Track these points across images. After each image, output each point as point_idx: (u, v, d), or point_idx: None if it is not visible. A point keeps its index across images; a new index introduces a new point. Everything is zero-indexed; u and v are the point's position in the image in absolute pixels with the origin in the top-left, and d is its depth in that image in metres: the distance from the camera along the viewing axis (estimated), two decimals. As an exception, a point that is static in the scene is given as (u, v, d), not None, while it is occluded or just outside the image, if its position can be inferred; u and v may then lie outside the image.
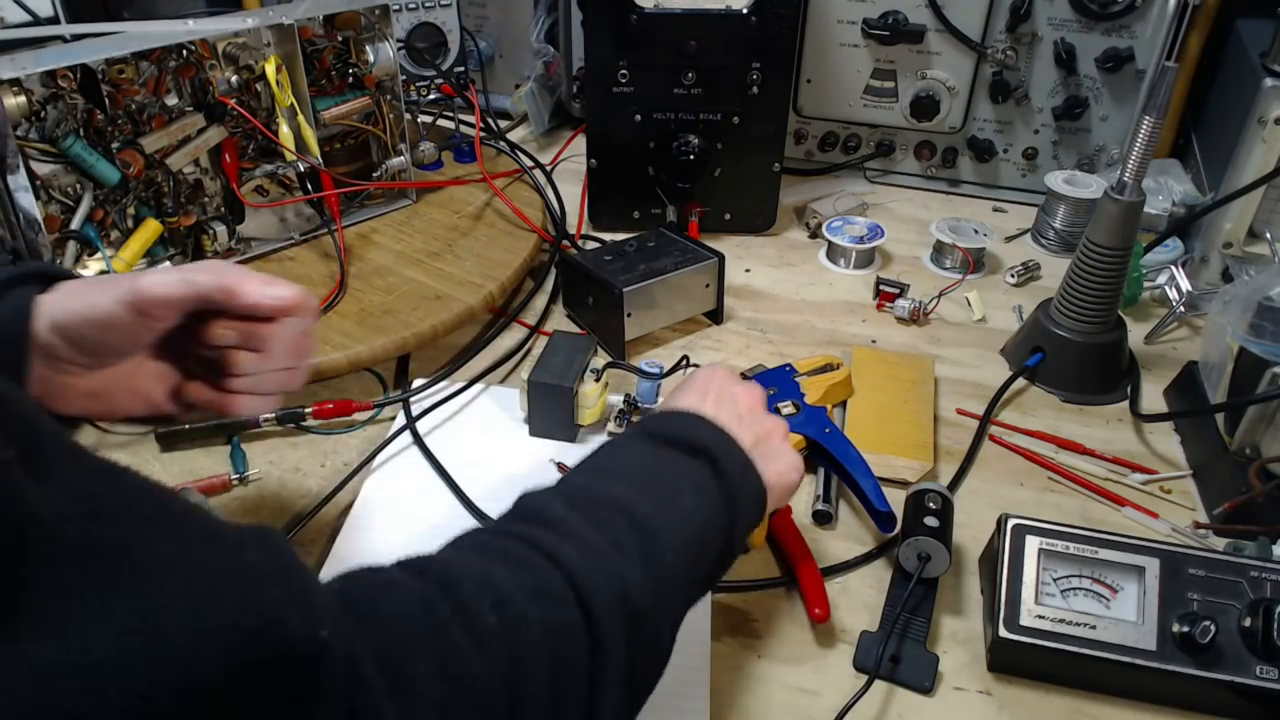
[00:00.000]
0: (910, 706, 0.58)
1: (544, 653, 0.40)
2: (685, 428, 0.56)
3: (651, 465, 0.54)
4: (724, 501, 0.54)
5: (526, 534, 0.46)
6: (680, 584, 0.50)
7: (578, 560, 0.44)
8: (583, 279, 0.89)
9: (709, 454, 0.54)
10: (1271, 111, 0.86)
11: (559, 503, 0.48)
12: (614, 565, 0.45)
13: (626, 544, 0.47)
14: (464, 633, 0.39)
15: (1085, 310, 0.81)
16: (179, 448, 0.75)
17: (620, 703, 0.43)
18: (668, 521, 0.50)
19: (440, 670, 0.37)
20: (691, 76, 0.96)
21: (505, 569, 0.43)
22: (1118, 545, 0.60)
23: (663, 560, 0.48)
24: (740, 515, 0.54)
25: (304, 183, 0.92)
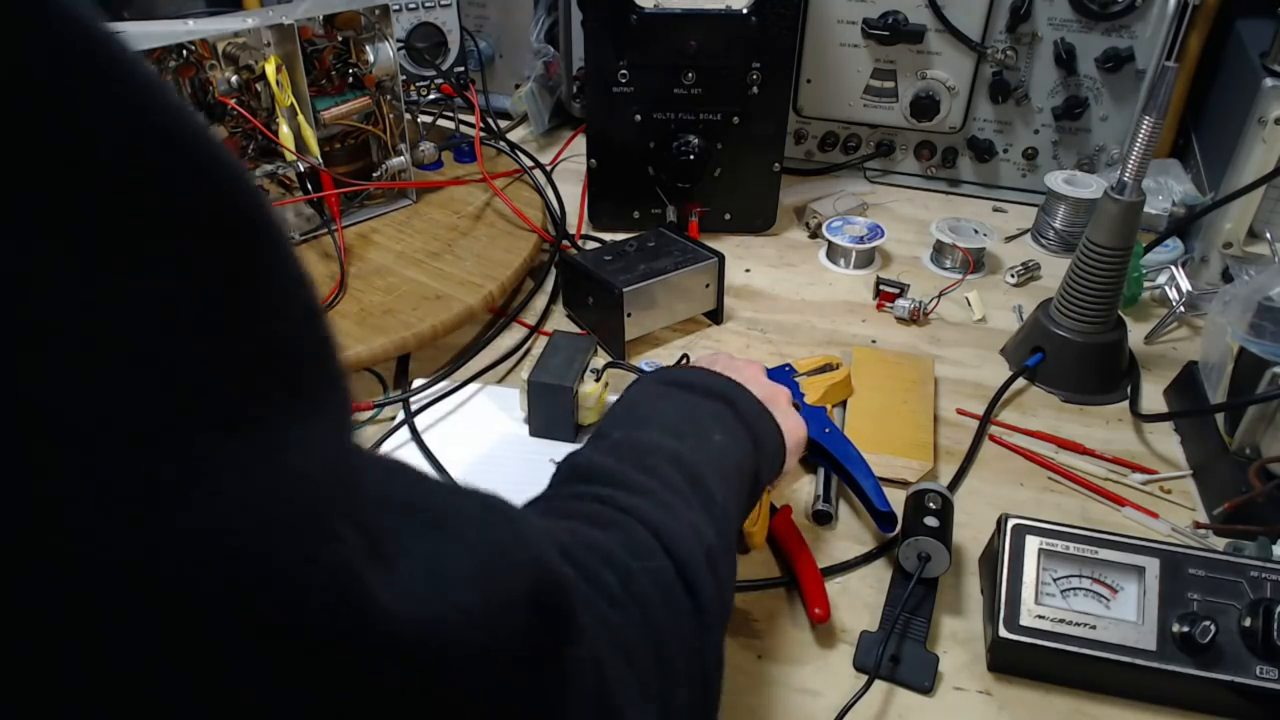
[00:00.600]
0: (910, 706, 0.58)
1: (658, 604, 0.41)
2: (697, 375, 0.58)
3: (677, 408, 0.55)
4: (748, 436, 0.55)
5: (594, 493, 0.46)
6: (730, 518, 0.50)
7: (650, 510, 0.44)
8: (583, 279, 0.89)
9: (725, 397, 0.56)
10: (1271, 111, 0.86)
11: (606, 459, 0.48)
12: (681, 510, 0.46)
13: (681, 488, 0.47)
14: (597, 594, 0.39)
15: (1085, 310, 0.81)
16: (179, 448, 0.75)
17: (720, 641, 0.44)
18: (709, 459, 0.51)
19: (601, 627, 0.37)
20: (691, 76, 0.96)
21: (594, 530, 0.43)
22: (1118, 545, 0.60)
23: (713, 499, 0.48)
24: (763, 451, 0.56)
25: (304, 183, 0.92)
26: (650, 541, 0.43)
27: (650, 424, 0.53)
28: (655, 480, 0.47)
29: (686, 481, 0.48)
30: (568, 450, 0.75)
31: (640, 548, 0.42)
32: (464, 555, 0.30)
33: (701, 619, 0.42)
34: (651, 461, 0.48)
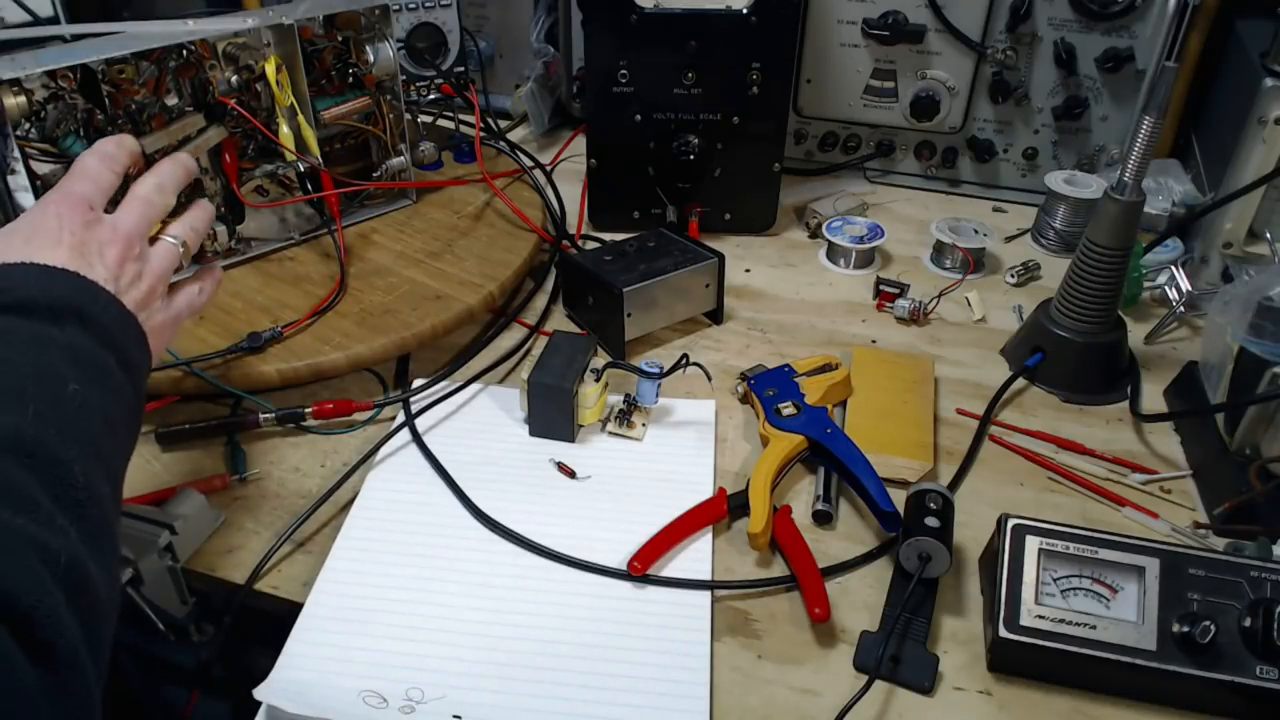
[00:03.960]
0: (910, 706, 0.58)
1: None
2: (29, 282, 0.47)
3: (17, 355, 0.44)
4: (115, 361, 0.47)
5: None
6: (101, 495, 0.43)
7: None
8: (583, 279, 0.89)
9: (75, 311, 0.47)
10: (1271, 111, 0.86)
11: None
12: (17, 531, 0.37)
13: (23, 490, 0.39)
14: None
15: (1085, 310, 0.81)
16: (179, 447, 0.75)
17: (93, 678, 0.37)
18: (64, 424, 0.42)
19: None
20: (691, 76, 0.96)
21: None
22: (1118, 545, 0.60)
23: (73, 483, 0.41)
24: (131, 366, 0.49)
25: (304, 183, 0.92)
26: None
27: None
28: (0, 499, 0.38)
29: (37, 479, 0.39)
30: (568, 450, 0.76)
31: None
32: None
33: (61, 674, 0.35)
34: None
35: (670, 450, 0.76)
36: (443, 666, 0.59)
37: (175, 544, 0.63)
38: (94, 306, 0.48)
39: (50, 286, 0.48)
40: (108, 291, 0.50)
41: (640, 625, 0.62)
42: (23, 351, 0.44)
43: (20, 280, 0.48)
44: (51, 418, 0.42)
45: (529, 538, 0.68)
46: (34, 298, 0.47)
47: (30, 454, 0.40)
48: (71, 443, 0.42)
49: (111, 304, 0.50)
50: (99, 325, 0.48)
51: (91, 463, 0.43)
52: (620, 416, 0.78)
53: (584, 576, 0.65)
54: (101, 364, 0.47)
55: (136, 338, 0.51)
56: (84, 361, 0.46)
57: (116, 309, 0.50)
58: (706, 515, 0.69)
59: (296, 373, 0.78)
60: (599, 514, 0.70)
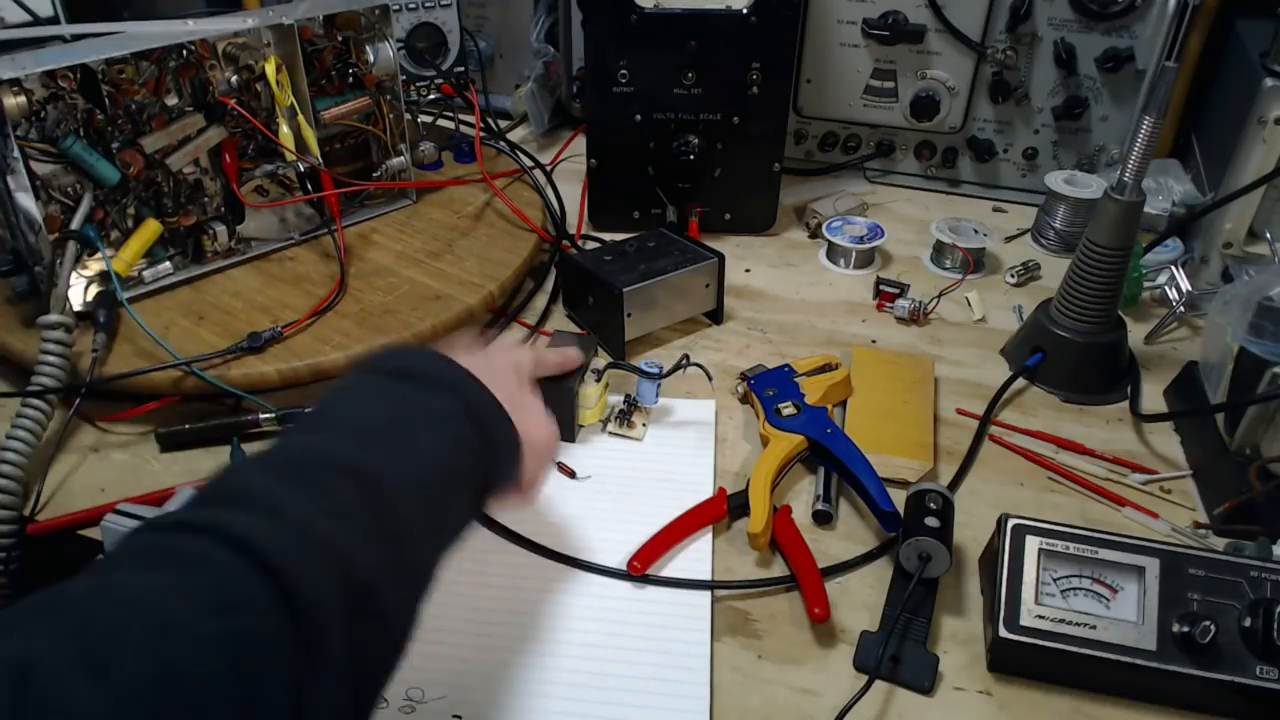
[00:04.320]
0: (910, 706, 0.58)
1: (211, 672, 0.33)
2: (428, 362, 0.53)
3: (384, 405, 0.49)
4: (475, 434, 0.50)
5: (208, 521, 0.39)
6: (421, 539, 0.46)
7: (274, 539, 0.38)
8: (583, 279, 0.89)
9: (453, 389, 0.51)
10: (1271, 111, 0.86)
11: (261, 472, 0.43)
12: (328, 536, 0.40)
13: (348, 507, 0.42)
14: (89, 685, 0.31)
15: (1085, 310, 0.81)
16: (179, 448, 0.75)
17: (344, 697, 0.38)
18: (403, 469, 0.46)
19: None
20: (691, 76, 0.96)
21: (165, 578, 0.36)
22: (1118, 545, 0.60)
23: (395, 516, 0.43)
24: (493, 451, 0.52)
25: (304, 183, 0.92)
26: (249, 586, 0.36)
27: (339, 426, 0.47)
28: (313, 499, 0.41)
29: (363, 499, 0.43)
30: (568, 449, 0.76)
31: (226, 597, 0.36)
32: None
33: (319, 669, 0.36)
34: (320, 476, 0.43)
35: (670, 450, 0.76)
36: (443, 666, 0.59)
37: (175, 544, 0.63)
38: (464, 384, 0.53)
39: (435, 366, 0.54)
40: (483, 384, 0.54)
41: (640, 625, 0.62)
42: (388, 406, 0.50)
43: (413, 358, 0.55)
44: (394, 459, 0.46)
45: (529, 537, 0.68)
46: (414, 367, 0.53)
47: (367, 480, 0.44)
48: (407, 484, 0.45)
49: (485, 395, 0.54)
50: (466, 399, 0.52)
51: (420, 506, 0.46)
52: (621, 416, 0.78)
53: (584, 576, 0.66)
54: (459, 428, 0.51)
55: (503, 421, 0.54)
56: (444, 422, 0.50)
57: (490, 399, 0.54)
58: (706, 515, 0.69)
59: (296, 373, 0.78)
60: (599, 514, 0.70)
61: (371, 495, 0.43)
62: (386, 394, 0.51)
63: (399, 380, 0.51)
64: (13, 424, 0.70)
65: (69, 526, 0.68)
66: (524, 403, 0.59)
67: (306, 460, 0.44)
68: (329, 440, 0.46)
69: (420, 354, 0.55)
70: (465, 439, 0.51)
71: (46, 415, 0.71)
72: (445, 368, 0.54)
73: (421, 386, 0.51)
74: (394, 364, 0.53)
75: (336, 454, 0.45)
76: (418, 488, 0.46)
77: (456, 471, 0.50)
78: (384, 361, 0.54)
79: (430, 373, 0.53)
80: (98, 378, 0.74)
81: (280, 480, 0.42)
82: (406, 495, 0.45)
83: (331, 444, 0.46)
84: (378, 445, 0.46)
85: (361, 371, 0.53)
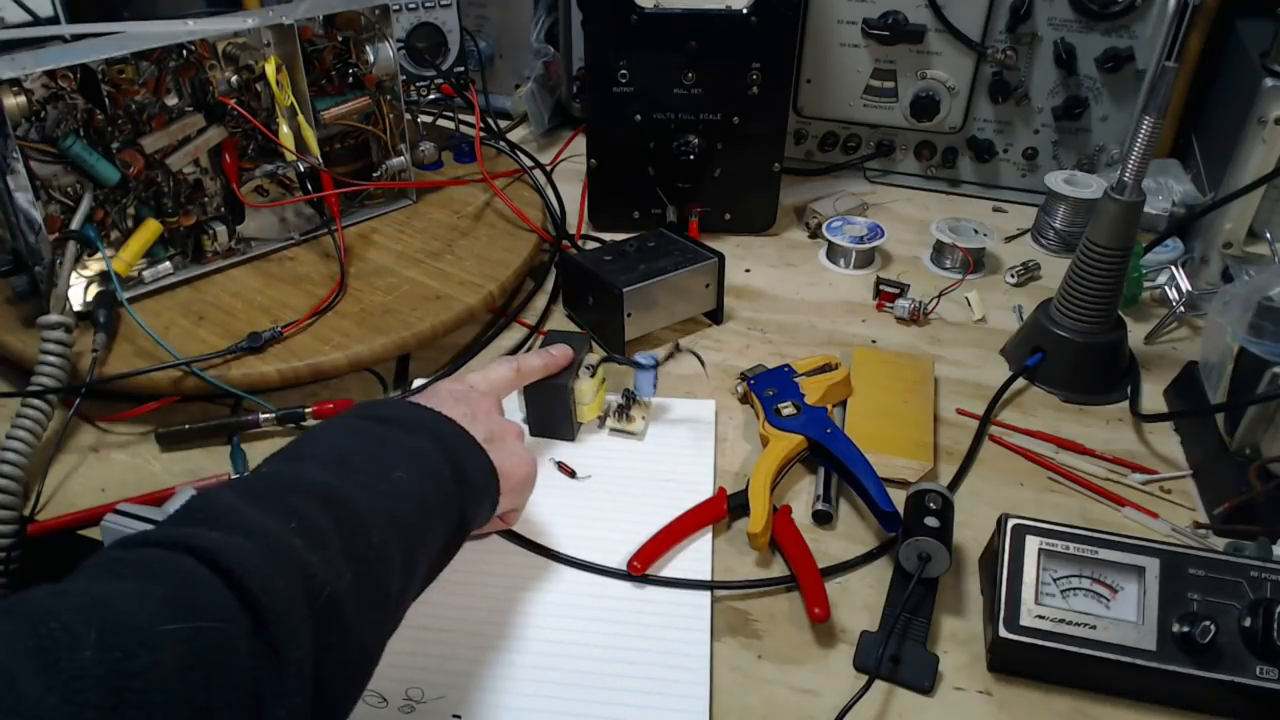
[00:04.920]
0: (910, 706, 0.58)
1: (166, 672, 0.34)
2: (400, 409, 0.55)
3: (358, 442, 0.51)
4: (450, 472, 0.52)
5: (177, 536, 0.40)
6: (391, 566, 0.46)
7: (240, 552, 0.39)
8: (583, 279, 0.89)
9: (428, 430, 0.53)
10: (1271, 111, 0.86)
11: (232, 495, 0.43)
12: (294, 552, 0.41)
13: (317, 527, 0.43)
14: (38, 677, 0.31)
15: (1085, 310, 0.81)
16: (179, 448, 0.75)
17: (302, 703, 0.38)
18: (376, 498, 0.46)
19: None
20: (691, 76, 0.96)
21: (132, 584, 0.36)
22: (1118, 545, 0.60)
23: (367, 542, 0.44)
24: (469, 488, 0.53)
25: (304, 183, 0.92)
26: (213, 594, 0.37)
27: (313, 459, 0.48)
28: (282, 520, 0.42)
29: (332, 521, 0.43)
30: (569, 449, 0.76)
31: (188, 601, 0.36)
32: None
33: (280, 676, 0.37)
34: (290, 500, 0.44)
35: (670, 450, 0.76)
36: (443, 666, 0.59)
37: (175, 544, 0.63)
38: (440, 425, 0.55)
39: (411, 411, 0.55)
40: (461, 426, 0.56)
41: (640, 625, 0.62)
42: (364, 442, 0.51)
43: (389, 406, 0.56)
44: (368, 487, 0.47)
45: (529, 537, 0.68)
46: (390, 413, 0.54)
47: (339, 505, 0.44)
48: (379, 511, 0.46)
49: (461, 434, 0.56)
50: (442, 439, 0.54)
51: (392, 534, 0.46)
52: (619, 411, 0.78)
53: (584, 576, 0.66)
54: (434, 465, 0.52)
55: (480, 459, 0.56)
56: (418, 460, 0.51)
57: (466, 437, 0.56)
58: (706, 515, 0.69)
59: (296, 373, 0.78)
60: (599, 514, 0.70)
61: (343, 519, 0.44)
62: (363, 432, 0.52)
63: (375, 422, 0.53)
64: (13, 424, 0.70)
65: (69, 526, 0.68)
66: (504, 438, 0.61)
67: (279, 484, 0.45)
68: (302, 468, 0.47)
69: (396, 402, 0.57)
70: (440, 475, 0.52)
71: (46, 415, 0.71)
72: (421, 412, 0.56)
73: (398, 427, 0.53)
74: (370, 411, 0.55)
75: (309, 479, 0.45)
76: (390, 517, 0.47)
77: (431, 507, 0.50)
78: (360, 410, 0.55)
79: (406, 416, 0.54)
80: (98, 378, 0.75)
81: (251, 502, 0.42)
82: (378, 523, 0.46)
83: (305, 471, 0.46)
84: (352, 474, 0.47)
85: (336, 418, 0.55)
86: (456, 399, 0.60)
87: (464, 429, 0.56)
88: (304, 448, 0.51)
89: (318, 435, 0.53)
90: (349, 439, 0.51)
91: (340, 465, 0.48)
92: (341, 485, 0.46)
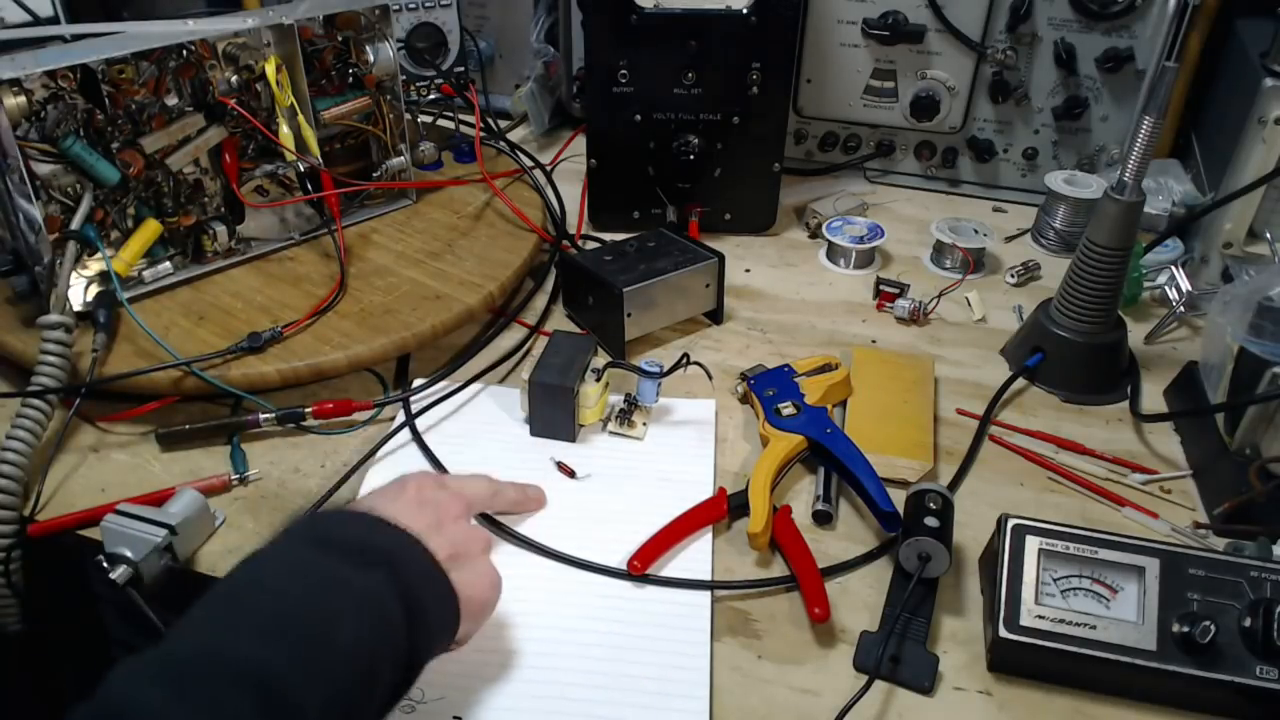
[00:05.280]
0: (910, 706, 0.58)
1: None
2: (359, 530, 0.51)
3: (302, 587, 0.46)
4: (403, 615, 0.48)
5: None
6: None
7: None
8: (583, 279, 0.89)
9: (384, 558, 0.49)
10: (1271, 111, 0.86)
11: (158, 687, 0.40)
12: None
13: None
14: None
15: (1085, 310, 0.81)
16: (179, 448, 0.75)
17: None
18: (314, 669, 0.43)
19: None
20: (691, 76, 0.96)
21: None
22: (1118, 545, 0.60)
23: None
24: (424, 628, 0.50)
25: (304, 183, 0.92)
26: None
27: (249, 622, 0.44)
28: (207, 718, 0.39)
29: (261, 716, 0.40)
30: (569, 449, 0.76)
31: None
32: None
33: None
34: (218, 691, 0.40)
35: (670, 450, 0.76)
36: (443, 666, 0.59)
37: (175, 544, 0.63)
38: (399, 551, 0.51)
39: (367, 534, 0.51)
40: (424, 548, 0.52)
41: (640, 625, 0.62)
42: (308, 592, 0.46)
43: (345, 524, 0.52)
44: (306, 665, 0.43)
45: (529, 537, 0.68)
46: (344, 536, 0.50)
47: (272, 695, 0.41)
48: (317, 692, 0.43)
49: (421, 559, 0.51)
50: (399, 573, 0.49)
51: (331, 707, 0.43)
52: (621, 416, 0.78)
53: (584, 576, 0.66)
54: (387, 610, 0.48)
55: (440, 589, 0.52)
56: (369, 607, 0.47)
57: (426, 563, 0.52)
58: (706, 515, 0.69)
59: (296, 373, 0.78)
60: (599, 514, 0.70)
61: (274, 714, 0.41)
62: (309, 573, 0.48)
63: (324, 553, 0.49)
64: (13, 424, 0.70)
65: (69, 526, 0.68)
66: (468, 555, 0.57)
67: (206, 670, 0.41)
68: (237, 641, 0.43)
69: (353, 518, 0.52)
70: (392, 623, 0.48)
71: (46, 415, 0.71)
72: (377, 534, 0.51)
73: (349, 562, 0.48)
74: (323, 531, 0.51)
75: (242, 660, 0.42)
76: (328, 698, 0.43)
77: (377, 670, 0.47)
78: (313, 528, 0.51)
79: (361, 542, 0.50)
80: (98, 378, 0.75)
81: (175, 699, 0.39)
82: (314, 701, 0.42)
83: (239, 647, 0.43)
84: (288, 646, 0.43)
85: (288, 537, 0.51)
86: (422, 504, 0.56)
87: (425, 548, 0.52)
88: (241, 598, 0.46)
89: (262, 578, 0.48)
90: (294, 586, 0.47)
91: (278, 635, 0.44)
92: (276, 664, 0.42)
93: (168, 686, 0.40)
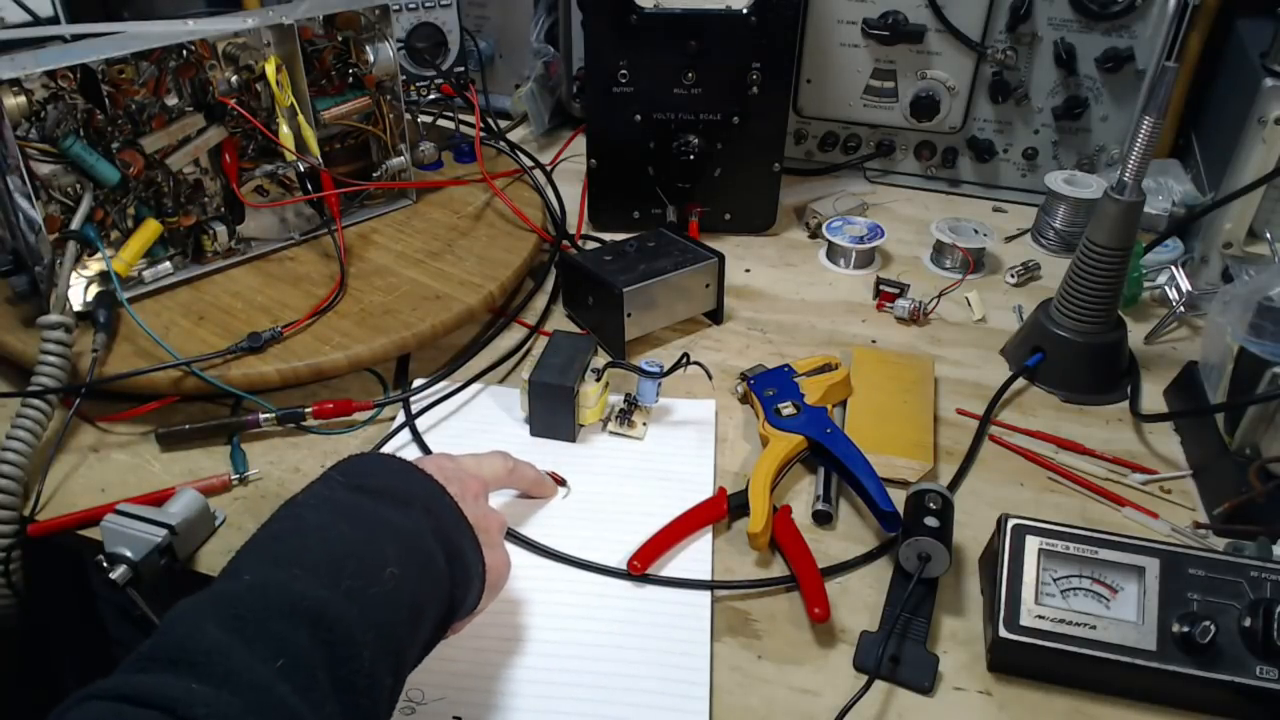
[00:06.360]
0: (910, 706, 0.58)
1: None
2: (393, 474, 0.52)
3: (349, 526, 0.47)
4: (444, 555, 0.49)
5: (156, 695, 0.36)
6: (381, 689, 0.44)
7: (227, 715, 0.36)
8: (583, 279, 0.89)
9: (420, 502, 0.50)
10: (1271, 111, 0.86)
11: (216, 625, 0.40)
12: (285, 701, 0.38)
13: (305, 663, 0.40)
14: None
15: (1085, 310, 0.81)
16: (179, 448, 0.75)
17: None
18: (366, 608, 0.44)
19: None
20: (691, 76, 0.96)
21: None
22: (1118, 545, 0.60)
23: (357, 669, 0.42)
24: (463, 570, 0.51)
25: (304, 183, 0.92)
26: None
27: (300, 560, 0.45)
28: (270, 661, 0.39)
29: (325, 654, 0.41)
30: (569, 449, 0.76)
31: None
32: None
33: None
34: (278, 627, 0.40)
35: (670, 450, 0.76)
36: (443, 667, 0.59)
37: (175, 544, 0.63)
38: (435, 498, 0.53)
39: (404, 479, 0.53)
40: (454, 499, 0.54)
41: (640, 625, 0.62)
42: (355, 529, 0.48)
43: (382, 471, 0.53)
44: (359, 597, 0.44)
45: (529, 537, 0.68)
46: (383, 482, 0.51)
47: (329, 629, 0.42)
48: (370, 628, 0.43)
49: (454, 509, 0.53)
50: (436, 517, 0.51)
51: (382, 651, 0.44)
52: (621, 416, 0.78)
53: (584, 576, 0.66)
54: (429, 552, 0.49)
55: (472, 542, 0.54)
56: (412, 545, 0.49)
57: (459, 515, 0.53)
58: (706, 515, 0.69)
59: (296, 373, 0.78)
60: (599, 514, 0.70)
61: (333, 645, 0.42)
62: (354, 514, 0.49)
63: (366, 496, 0.50)
64: (13, 424, 0.70)
65: (69, 526, 0.68)
66: (489, 530, 0.58)
67: (265, 605, 0.42)
68: (291, 577, 0.44)
69: (387, 465, 0.54)
70: (433, 562, 0.49)
71: (46, 415, 0.71)
72: (413, 479, 0.53)
73: (389, 501, 0.50)
74: (361, 478, 0.52)
75: (297, 595, 0.42)
76: (382, 633, 0.44)
77: (423, 608, 0.48)
78: (351, 474, 0.52)
79: (398, 486, 0.52)
80: (98, 378, 0.75)
81: (232, 634, 0.40)
82: (369, 643, 0.43)
83: (294, 582, 0.43)
84: (343, 580, 0.44)
85: (325, 482, 0.52)
86: (447, 477, 0.56)
87: (456, 503, 0.54)
88: (294, 542, 0.47)
89: (306, 519, 0.48)
90: (339, 525, 0.48)
91: (331, 570, 0.44)
92: (331, 599, 0.43)
93: (227, 624, 0.40)
